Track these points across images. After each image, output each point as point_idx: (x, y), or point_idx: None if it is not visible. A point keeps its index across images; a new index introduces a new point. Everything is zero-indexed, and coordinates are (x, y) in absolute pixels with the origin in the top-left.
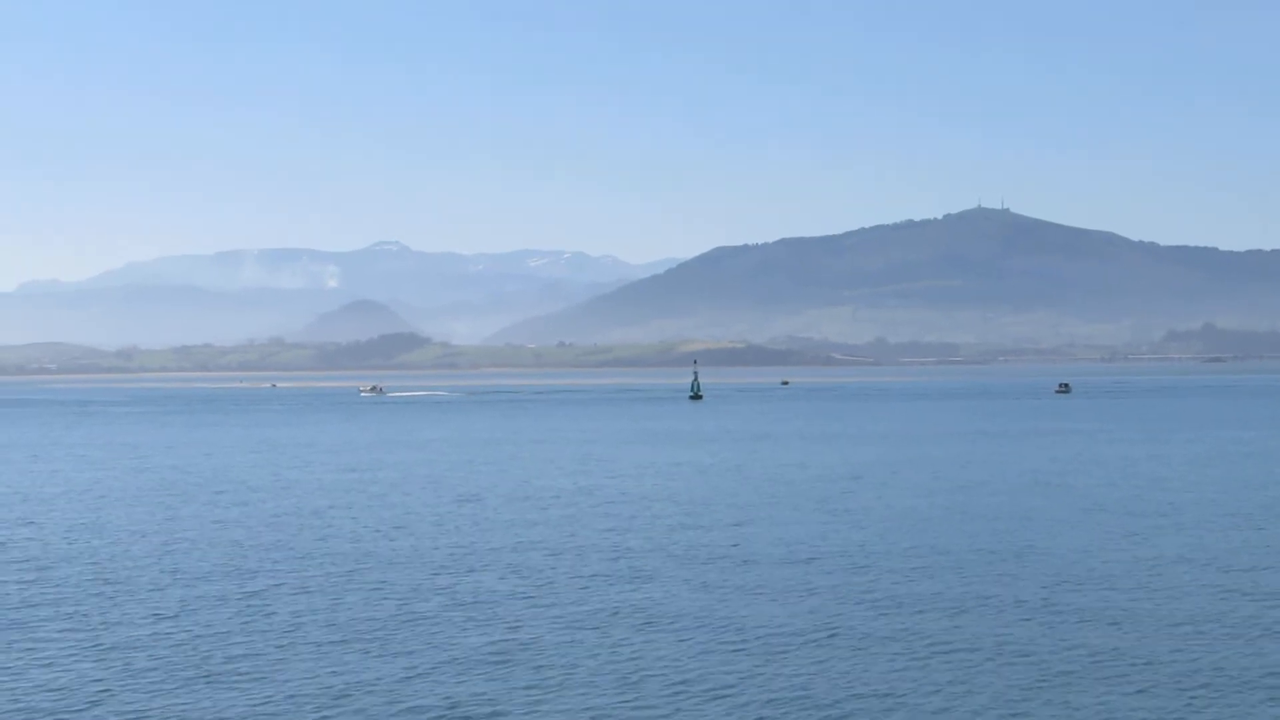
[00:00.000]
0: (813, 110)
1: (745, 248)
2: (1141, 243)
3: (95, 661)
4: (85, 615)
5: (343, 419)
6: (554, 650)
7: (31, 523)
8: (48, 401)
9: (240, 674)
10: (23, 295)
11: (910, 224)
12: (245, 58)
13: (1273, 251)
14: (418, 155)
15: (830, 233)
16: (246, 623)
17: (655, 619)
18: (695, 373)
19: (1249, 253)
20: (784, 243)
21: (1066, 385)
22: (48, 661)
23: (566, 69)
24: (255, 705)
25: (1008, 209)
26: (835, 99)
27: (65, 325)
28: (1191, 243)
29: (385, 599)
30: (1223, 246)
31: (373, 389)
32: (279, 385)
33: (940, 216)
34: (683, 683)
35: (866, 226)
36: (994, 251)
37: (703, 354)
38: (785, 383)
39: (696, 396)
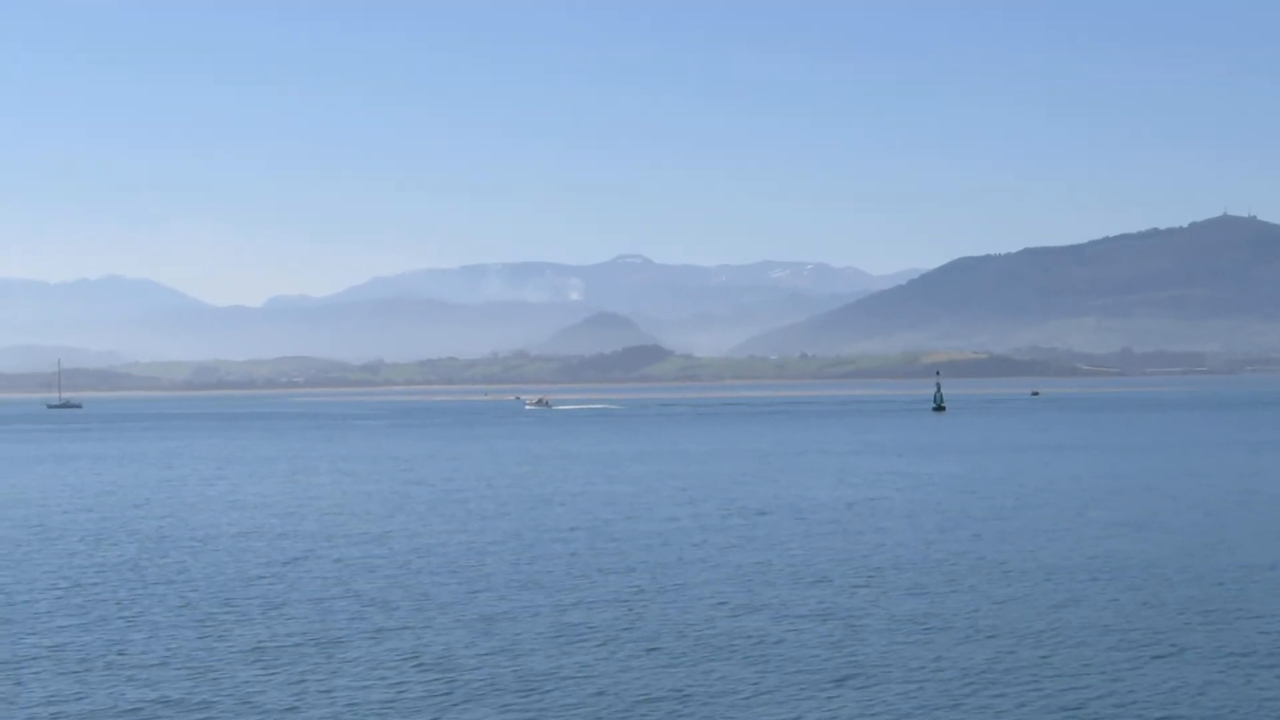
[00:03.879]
0: (1055, 120)
1: (988, 258)
2: None
3: (416, 677)
4: (395, 629)
5: (597, 430)
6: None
7: (322, 534)
8: (300, 414)
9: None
10: (271, 311)
11: (1155, 232)
12: (490, 73)
13: None
14: (659, 168)
15: (1074, 242)
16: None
17: (979, 631)
18: (938, 384)
19: None
20: (1027, 252)
21: None
22: (367, 677)
23: (809, 85)
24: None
25: (1254, 216)
26: (1079, 109)
27: (312, 339)
28: None
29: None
30: None
31: (539, 401)
32: (523, 398)
33: (1186, 225)
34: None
35: (1111, 235)
36: (1241, 259)
37: (945, 365)
38: (1035, 393)
39: (939, 408)
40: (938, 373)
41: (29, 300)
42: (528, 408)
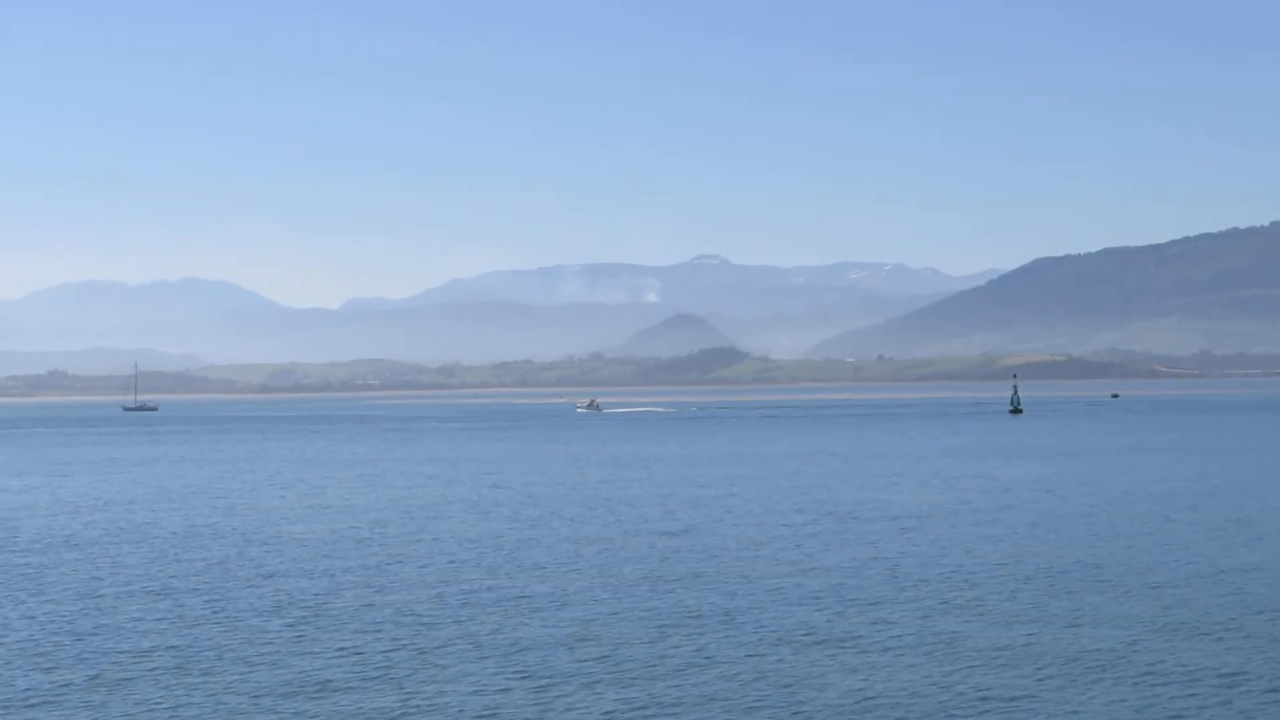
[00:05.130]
0: (1134, 119)
1: (1067, 258)
2: None
3: (517, 684)
4: (489, 635)
5: (679, 433)
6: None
7: (409, 538)
8: (378, 417)
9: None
10: (348, 313)
11: (1235, 231)
12: (567, 76)
13: None
14: (737, 169)
15: (1153, 242)
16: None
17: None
18: (1015, 386)
19: None
20: (1106, 252)
21: None
22: (466, 683)
23: (888, 88)
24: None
25: None
26: (1159, 108)
27: (389, 342)
28: None
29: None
30: None
31: (590, 404)
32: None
33: (1267, 224)
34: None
35: (1191, 235)
36: None
37: (1023, 367)
38: (1115, 395)
39: (1017, 410)
40: (1015, 375)
41: (107, 302)
42: (579, 410)
